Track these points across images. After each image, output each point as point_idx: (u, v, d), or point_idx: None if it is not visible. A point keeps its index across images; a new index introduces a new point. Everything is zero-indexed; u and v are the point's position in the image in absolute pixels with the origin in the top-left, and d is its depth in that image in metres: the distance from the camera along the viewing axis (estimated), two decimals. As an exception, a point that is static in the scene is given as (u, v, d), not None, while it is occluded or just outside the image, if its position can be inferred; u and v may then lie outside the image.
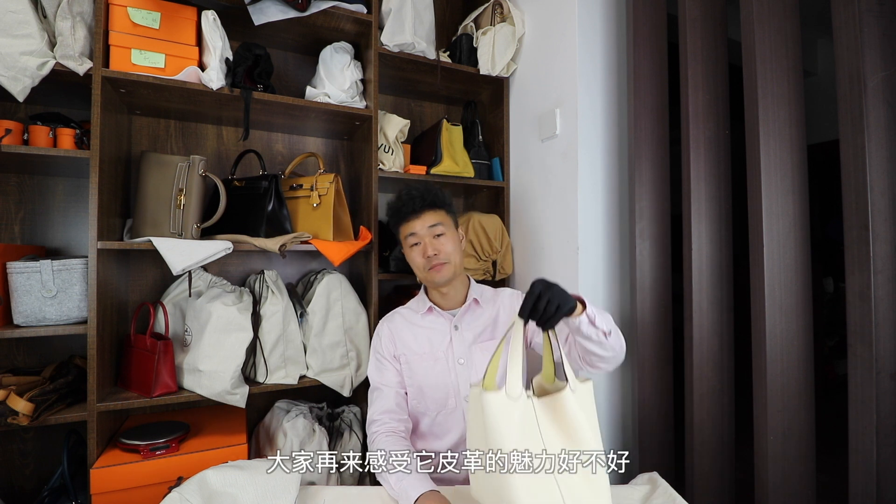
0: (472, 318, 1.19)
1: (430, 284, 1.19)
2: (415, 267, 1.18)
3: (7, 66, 1.11)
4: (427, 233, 1.14)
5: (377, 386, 1.17)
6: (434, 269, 1.13)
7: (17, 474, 1.37)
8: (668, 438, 1.29)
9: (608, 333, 0.94)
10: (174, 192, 1.30)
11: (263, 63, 1.42)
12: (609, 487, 0.78)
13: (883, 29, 0.85)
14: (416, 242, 1.15)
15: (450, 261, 1.14)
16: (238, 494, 0.80)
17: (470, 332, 1.17)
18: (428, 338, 1.18)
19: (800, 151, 1.01)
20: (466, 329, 1.17)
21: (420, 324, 1.20)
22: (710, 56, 1.18)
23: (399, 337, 1.19)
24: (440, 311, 1.19)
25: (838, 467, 1.06)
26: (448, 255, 1.14)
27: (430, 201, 1.15)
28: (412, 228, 1.15)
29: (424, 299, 1.22)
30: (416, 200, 1.14)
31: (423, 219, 1.14)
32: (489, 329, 1.18)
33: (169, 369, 1.27)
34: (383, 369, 1.18)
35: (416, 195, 1.15)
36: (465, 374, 1.14)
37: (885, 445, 0.83)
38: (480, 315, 1.19)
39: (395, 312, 1.26)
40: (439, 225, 1.15)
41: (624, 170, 1.40)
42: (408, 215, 1.15)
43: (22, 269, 1.17)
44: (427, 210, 1.14)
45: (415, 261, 1.16)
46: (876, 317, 0.82)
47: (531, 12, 1.59)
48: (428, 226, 1.14)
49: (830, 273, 3.19)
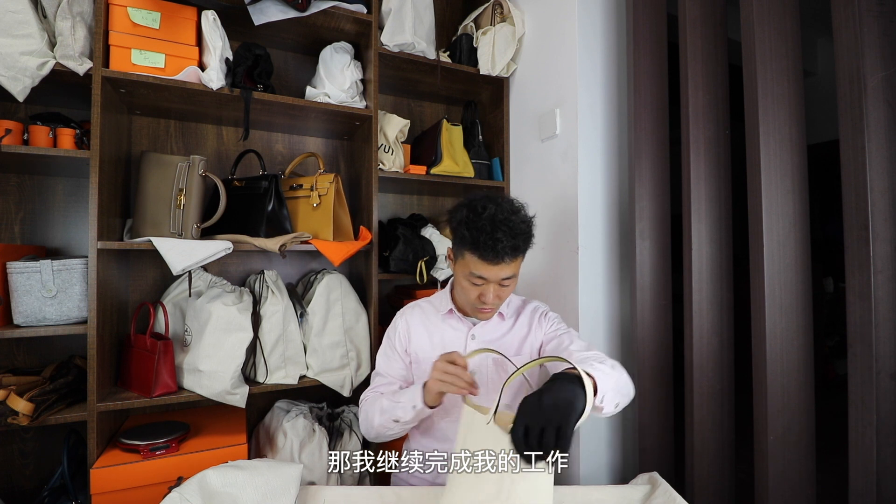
0: (491, 329, 1.12)
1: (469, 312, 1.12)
2: (463, 295, 1.07)
3: (7, 66, 1.11)
4: (496, 281, 0.99)
5: (381, 372, 1.14)
6: (482, 311, 1.06)
7: (17, 474, 1.37)
8: (668, 438, 1.29)
9: (619, 405, 0.87)
10: (174, 192, 1.30)
11: (263, 63, 1.42)
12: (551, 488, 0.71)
13: (883, 29, 0.85)
14: (479, 284, 1.01)
15: (501, 306, 1.08)
16: (238, 494, 0.80)
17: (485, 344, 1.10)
18: (442, 340, 1.12)
19: (800, 151, 1.01)
20: (482, 340, 1.11)
21: (438, 324, 1.14)
22: (710, 56, 1.18)
23: (414, 333, 1.14)
24: (460, 315, 1.13)
25: (838, 467, 1.06)
26: (504, 301, 1.07)
27: (521, 250, 0.99)
28: (484, 272, 0.98)
29: (448, 299, 1.14)
30: (506, 249, 0.94)
31: (500, 268, 0.97)
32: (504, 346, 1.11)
33: (169, 369, 1.27)
34: (391, 360, 1.15)
35: (507, 241, 0.94)
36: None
37: (885, 445, 0.82)
38: (498, 327, 1.13)
39: (416, 305, 1.20)
40: (512, 276, 1.01)
41: (624, 170, 1.40)
42: (487, 257, 0.95)
43: (22, 269, 1.17)
44: (510, 260, 0.97)
45: (467, 293, 1.04)
46: (876, 317, 0.82)
47: (531, 12, 1.59)
48: (502, 277, 0.98)
49: (830, 273, 3.19)
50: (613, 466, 1.37)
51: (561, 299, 1.39)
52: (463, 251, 1.00)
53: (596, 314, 1.36)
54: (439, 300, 1.17)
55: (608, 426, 1.37)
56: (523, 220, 0.99)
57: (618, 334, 1.39)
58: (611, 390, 0.81)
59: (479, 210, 0.97)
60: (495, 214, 0.96)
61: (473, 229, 0.96)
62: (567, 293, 1.37)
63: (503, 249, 0.94)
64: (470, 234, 0.96)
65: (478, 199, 1.01)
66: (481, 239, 0.94)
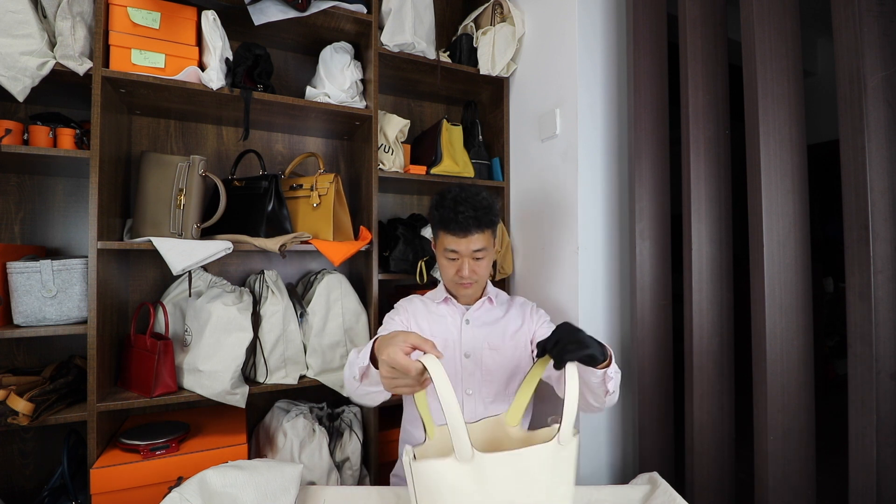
0: (484, 313, 1.19)
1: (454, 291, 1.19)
2: (444, 274, 1.17)
3: (7, 66, 1.11)
4: (469, 254, 1.10)
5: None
6: (463, 286, 1.14)
7: (17, 474, 1.37)
8: (668, 438, 1.29)
9: (610, 392, 0.91)
10: (174, 192, 1.30)
11: (263, 63, 1.42)
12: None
13: (883, 29, 0.85)
14: (454, 258, 1.12)
15: (480, 280, 1.14)
16: (238, 495, 0.80)
17: (480, 328, 1.17)
18: (440, 325, 1.18)
19: (800, 151, 1.01)
20: (476, 324, 1.17)
21: (435, 311, 1.20)
22: (710, 56, 1.18)
23: (416, 317, 1.19)
24: (455, 303, 1.20)
25: (838, 467, 1.06)
26: (481, 275, 1.14)
27: (483, 222, 1.08)
28: (455, 245, 1.09)
29: (442, 290, 1.22)
30: (468, 219, 1.06)
31: (469, 240, 1.08)
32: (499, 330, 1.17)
33: (169, 369, 1.27)
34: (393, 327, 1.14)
35: (468, 213, 1.06)
36: (469, 368, 1.13)
37: (885, 445, 0.82)
38: (491, 312, 1.20)
39: (415, 297, 1.26)
40: (483, 249, 1.11)
41: (624, 170, 1.40)
42: (454, 230, 1.08)
43: (22, 269, 1.17)
44: (476, 232, 1.08)
45: (446, 271, 1.15)
46: (876, 317, 0.82)
47: (531, 12, 1.59)
48: (472, 249, 1.09)
49: (830, 273, 3.19)
50: (613, 466, 1.37)
51: (561, 299, 1.39)
52: (437, 232, 1.14)
53: (596, 314, 1.36)
54: (434, 293, 1.25)
55: (608, 426, 1.37)
56: (484, 197, 1.10)
57: (618, 334, 1.39)
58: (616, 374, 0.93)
59: (445, 193, 1.12)
60: (458, 195, 1.10)
61: (440, 208, 1.10)
62: (567, 293, 1.37)
63: (465, 220, 1.06)
64: (438, 213, 1.11)
65: (448, 188, 1.14)
66: (447, 215, 1.08)
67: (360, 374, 0.87)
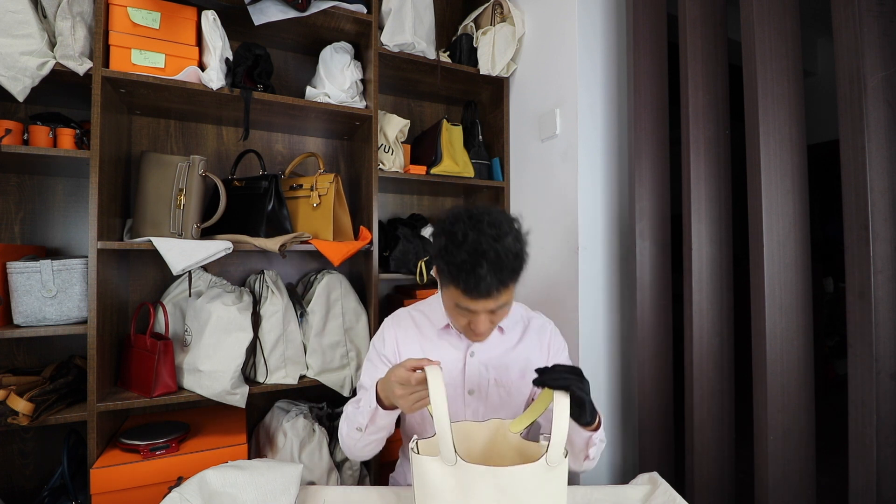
0: (492, 344, 1.00)
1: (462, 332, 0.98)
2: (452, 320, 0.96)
3: (7, 66, 1.11)
4: (487, 311, 0.87)
5: (364, 385, 1.00)
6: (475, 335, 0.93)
7: (17, 474, 1.37)
8: (668, 438, 1.29)
9: (590, 458, 0.88)
10: (174, 192, 1.30)
11: (263, 63, 1.42)
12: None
13: (883, 29, 0.85)
14: (468, 314, 0.88)
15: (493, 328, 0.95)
16: (238, 495, 0.80)
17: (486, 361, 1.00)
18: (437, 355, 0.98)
19: (800, 151, 1.01)
20: (482, 356, 0.99)
21: (433, 339, 1.01)
22: (710, 56, 1.18)
23: (405, 348, 1.01)
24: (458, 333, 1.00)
25: (838, 467, 1.06)
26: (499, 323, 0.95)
27: (510, 280, 0.83)
28: (471, 305, 0.85)
29: (443, 311, 0.99)
30: (490, 284, 0.80)
31: (489, 301, 0.83)
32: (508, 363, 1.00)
33: (169, 369, 1.27)
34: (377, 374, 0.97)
35: (490, 276, 0.80)
36: (473, 405, 0.99)
37: (885, 445, 0.82)
38: (501, 341, 1.01)
39: (408, 316, 1.05)
40: (505, 304, 0.87)
41: (624, 170, 1.40)
42: (470, 293, 0.82)
43: (22, 269, 1.17)
44: (498, 294, 0.83)
45: (457, 321, 0.93)
46: (876, 317, 0.82)
47: (531, 12, 1.59)
48: (489, 309, 0.86)
49: (830, 273, 3.19)
50: (613, 466, 1.37)
51: (561, 299, 1.39)
52: (445, 282, 0.87)
53: (596, 314, 1.36)
54: (433, 311, 1.04)
55: (608, 426, 1.37)
56: (510, 249, 0.82)
57: (618, 334, 1.39)
58: (601, 441, 0.89)
59: (459, 239, 0.81)
60: (477, 244, 0.80)
61: (453, 265, 0.82)
62: (567, 293, 1.37)
63: (487, 287, 0.80)
64: (449, 268, 0.83)
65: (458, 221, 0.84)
66: (462, 276, 0.81)
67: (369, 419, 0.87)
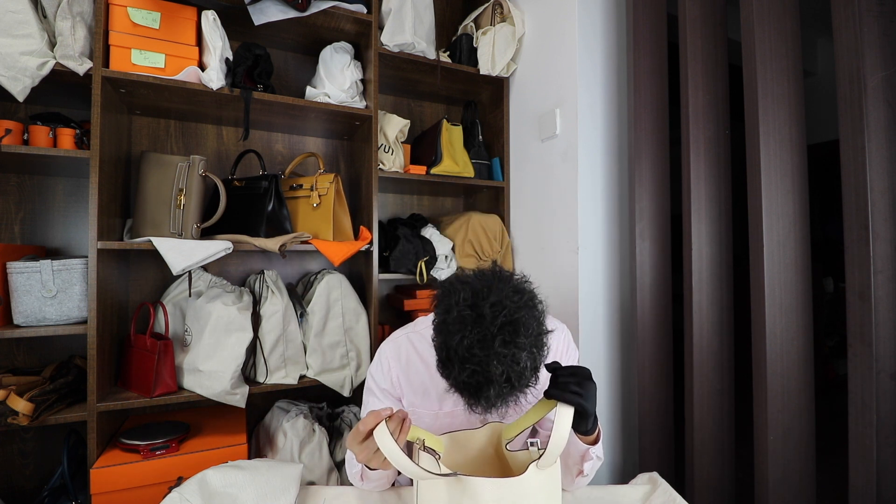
0: None
1: None
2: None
3: (7, 66, 1.11)
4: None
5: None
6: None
7: (17, 474, 1.37)
8: (668, 438, 1.29)
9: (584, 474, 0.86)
10: (174, 192, 1.30)
11: (263, 63, 1.42)
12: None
13: (883, 29, 0.85)
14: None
15: None
16: (238, 494, 0.80)
17: None
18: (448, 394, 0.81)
19: (800, 151, 1.01)
20: None
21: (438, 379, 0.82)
22: (710, 56, 1.18)
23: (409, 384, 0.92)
24: None
25: (838, 467, 1.06)
26: None
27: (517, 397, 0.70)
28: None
29: None
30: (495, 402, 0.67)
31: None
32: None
33: (169, 369, 1.27)
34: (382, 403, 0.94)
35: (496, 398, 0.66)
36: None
37: (885, 445, 0.82)
38: None
39: (407, 343, 0.94)
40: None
41: (624, 170, 1.40)
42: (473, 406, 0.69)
43: (22, 269, 1.17)
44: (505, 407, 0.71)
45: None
46: (876, 317, 0.82)
47: (531, 12, 1.59)
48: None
49: (830, 273, 3.19)
50: (613, 466, 1.37)
51: (561, 299, 1.39)
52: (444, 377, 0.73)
53: (596, 315, 1.36)
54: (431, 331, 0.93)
55: (608, 426, 1.37)
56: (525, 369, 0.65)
57: (618, 335, 1.39)
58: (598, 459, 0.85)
59: (456, 341, 0.65)
60: (485, 365, 0.64)
61: (453, 378, 0.68)
62: (567, 293, 1.37)
63: (494, 406, 0.68)
64: (445, 372, 0.70)
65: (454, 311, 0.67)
66: (464, 393, 0.69)
67: (360, 474, 0.88)
